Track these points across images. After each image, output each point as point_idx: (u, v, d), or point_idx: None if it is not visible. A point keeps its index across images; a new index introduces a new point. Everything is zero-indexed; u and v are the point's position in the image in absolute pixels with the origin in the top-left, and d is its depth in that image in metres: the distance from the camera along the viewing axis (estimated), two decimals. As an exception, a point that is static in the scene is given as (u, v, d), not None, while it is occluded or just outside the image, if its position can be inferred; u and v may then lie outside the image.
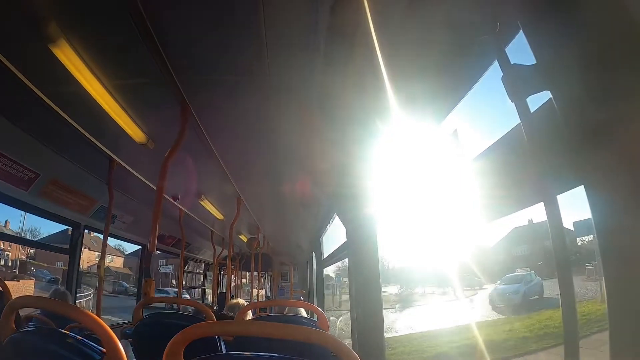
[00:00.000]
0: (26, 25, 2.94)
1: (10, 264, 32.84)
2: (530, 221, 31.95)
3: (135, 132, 4.49)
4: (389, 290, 36.05)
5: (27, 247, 33.84)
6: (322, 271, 12.00)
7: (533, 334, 17.12)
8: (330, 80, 3.33)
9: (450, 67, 2.79)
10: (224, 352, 2.92)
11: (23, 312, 4.46)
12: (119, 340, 1.75)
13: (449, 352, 17.65)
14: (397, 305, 31.62)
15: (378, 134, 3.59)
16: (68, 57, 3.24)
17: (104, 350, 1.70)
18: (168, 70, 3.37)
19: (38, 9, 2.82)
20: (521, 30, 2.04)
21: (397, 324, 26.06)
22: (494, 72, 2.45)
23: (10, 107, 4.28)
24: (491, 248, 35.31)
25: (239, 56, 3.24)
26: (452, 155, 3.01)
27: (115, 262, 43.08)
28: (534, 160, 2.01)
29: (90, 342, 1.78)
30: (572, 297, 1.81)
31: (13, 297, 3.91)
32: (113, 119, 4.14)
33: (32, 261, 34.96)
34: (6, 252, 32.88)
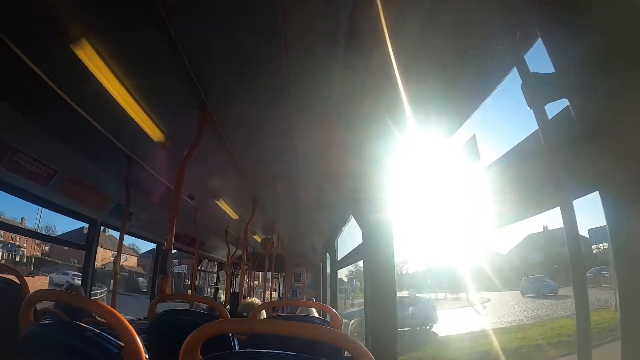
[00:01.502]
0: (48, 27, 2.99)
1: (25, 260, 33.28)
2: (545, 228, 31.74)
3: (153, 131, 4.54)
4: (402, 295, 35.82)
5: (42, 244, 34.31)
6: (336, 273, 11.94)
7: (546, 341, 16.85)
8: (348, 86, 3.35)
9: (468, 75, 2.79)
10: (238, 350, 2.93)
11: (38, 306, 4.51)
12: None
13: (461, 358, 17.43)
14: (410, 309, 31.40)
15: (395, 139, 3.59)
16: (89, 57, 3.30)
17: (122, 344, 1.72)
18: (188, 73, 3.41)
19: (60, 10, 2.87)
20: (540, 39, 2.05)
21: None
22: (512, 79, 2.46)
23: (31, 105, 4.34)
24: (505, 254, 35.07)
25: (258, 62, 3.28)
26: (469, 161, 3.00)
27: (129, 261, 43.35)
28: (551, 166, 2.02)
29: (108, 336, 1.80)
30: (585, 301, 1.82)
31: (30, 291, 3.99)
32: (132, 118, 4.20)
33: (47, 258, 35.39)
34: (21, 249, 33.37)
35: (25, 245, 33.80)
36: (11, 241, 32.69)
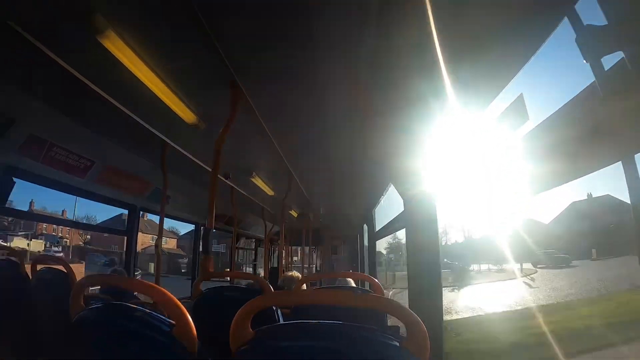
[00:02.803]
0: (73, 19, 3.02)
1: (69, 250, 34.64)
2: (589, 195, 31.09)
3: (186, 114, 4.60)
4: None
5: (83, 234, 35.65)
6: (375, 244, 11.95)
7: (618, 319, 14.73)
8: (383, 51, 3.28)
9: (516, 29, 2.70)
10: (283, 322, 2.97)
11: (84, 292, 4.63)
12: None
13: (527, 341, 14.84)
14: (453, 278, 30.96)
15: (436, 103, 3.53)
16: (117, 47, 3.33)
17: (172, 321, 1.75)
18: (216, 50, 3.41)
19: (83, 2, 2.91)
20: None
21: (458, 304, 24.28)
22: (561, 33, 2.41)
23: (63, 99, 4.45)
24: (548, 224, 34.50)
25: (285, 31, 3.23)
26: (517, 121, 2.95)
27: (168, 244, 44.18)
28: (610, 119, 2.00)
29: (159, 315, 1.83)
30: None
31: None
32: (164, 103, 4.25)
33: (89, 246, 36.59)
34: (64, 239, 34.67)
35: (67, 236, 35.02)
36: (53, 233, 33.89)
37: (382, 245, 28.01)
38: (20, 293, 4.33)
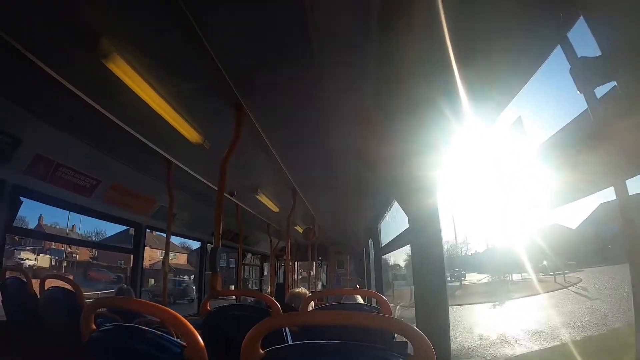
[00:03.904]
0: (79, 43, 3.09)
1: (77, 265, 34.99)
2: None
3: (191, 134, 4.67)
4: (470, 278, 34.13)
5: (91, 250, 36.06)
6: (381, 259, 11.89)
7: None
8: (385, 64, 3.30)
9: (513, 53, 2.75)
10: (290, 342, 2.98)
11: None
12: None
13: None
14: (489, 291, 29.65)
15: (439, 120, 3.54)
16: (122, 70, 3.41)
17: (183, 343, 1.77)
18: (221, 73, 3.46)
19: (89, 27, 2.98)
20: (583, 19, 2.03)
21: (511, 327, 18.71)
22: (556, 59, 2.44)
23: (69, 120, 4.54)
24: (576, 228, 33.83)
25: (287, 51, 3.27)
26: (516, 141, 2.98)
27: (178, 259, 44.05)
28: (602, 145, 2.02)
29: (169, 336, 1.85)
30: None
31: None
32: (169, 124, 4.32)
33: (95, 262, 36.90)
34: (74, 255, 35.08)
35: (77, 251, 35.36)
36: (62, 248, 34.22)
37: (400, 257, 27.15)
38: (29, 312, 4.34)
